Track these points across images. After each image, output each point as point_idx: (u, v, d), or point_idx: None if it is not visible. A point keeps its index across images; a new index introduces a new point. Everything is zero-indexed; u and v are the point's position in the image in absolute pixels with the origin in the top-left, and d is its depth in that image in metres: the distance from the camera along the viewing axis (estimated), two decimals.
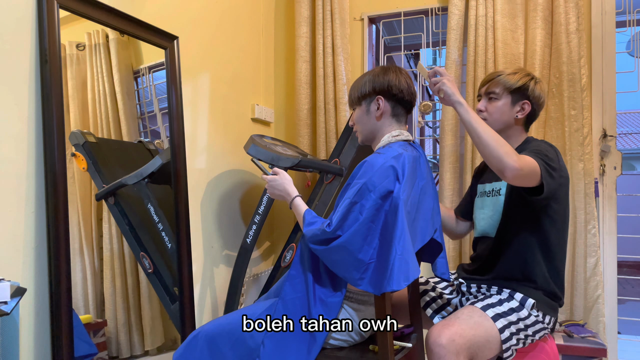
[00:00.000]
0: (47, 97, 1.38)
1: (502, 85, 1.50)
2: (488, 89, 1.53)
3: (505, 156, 1.27)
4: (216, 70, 2.25)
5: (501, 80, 1.50)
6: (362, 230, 1.19)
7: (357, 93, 1.38)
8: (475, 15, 2.25)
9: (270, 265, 2.72)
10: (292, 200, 1.39)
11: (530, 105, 1.50)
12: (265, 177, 1.47)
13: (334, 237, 1.20)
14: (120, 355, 1.73)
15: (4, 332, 1.23)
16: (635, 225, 2.43)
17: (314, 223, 1.28)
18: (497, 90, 1.50)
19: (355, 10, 2.64)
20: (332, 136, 2.53)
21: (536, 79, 1.52)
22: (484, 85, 1.55)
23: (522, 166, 1.28)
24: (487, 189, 1.58)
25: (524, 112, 1.50)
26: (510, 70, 1.52)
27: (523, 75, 1.50)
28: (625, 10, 2.21)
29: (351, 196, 1.21)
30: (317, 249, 1.24)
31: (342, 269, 1.22)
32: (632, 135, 9.80)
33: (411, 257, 1.18)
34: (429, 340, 1.27)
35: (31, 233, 1.36)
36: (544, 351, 1.47)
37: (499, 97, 1.50)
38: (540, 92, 1.51)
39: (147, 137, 1.90)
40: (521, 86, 1.48)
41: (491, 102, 1.52)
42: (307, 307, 1.26)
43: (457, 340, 1.25)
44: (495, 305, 1.39)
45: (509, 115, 1.50)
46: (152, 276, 1.83)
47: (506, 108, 1.50)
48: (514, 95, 1.49)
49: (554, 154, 1.41)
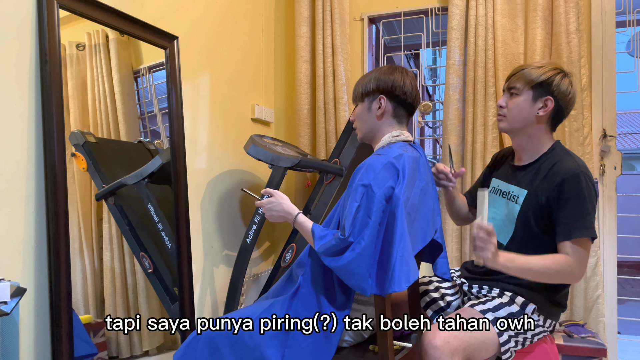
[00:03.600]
0: (47, 97, 1.38)
1: (524, 79, 1.39)
2: (510, 84, 1.43)
3: (568, 282, 1.34)
4: (216, 70, 2.25)
5: (524, 74, 1.39)
6: (373, 234, 1.18)
7: (361, 89, 1.37)
8: (475, 15, 2.25)
9: (270, 265, 2.72)
10: (295, 219, 1.34)
11: (554, 101, 1.37)
12: (259, 202, 1.41)
13: (347, 245, 1.18)
14: (120, 355, 1.73)
15: (4, 332, 1.23)
16: (635, 225, 2.43)
17: (325, 236, 1.24)
18: (518, 85, 1.40)
19: (355, 10, 2.64)
20: (332, 136, 2.53)
21: (565, 72, 1.39)
22: (508, 80, 1.45)
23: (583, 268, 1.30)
24: (502, 188, 1.51)
25: (546, 109, 1.38)
26: (538, 63, 1.41)
27: (549, 69, 1.38)
28: (625, 10, 2.21)
29: (358, 200, 1.20)
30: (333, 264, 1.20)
31: (359, 279, 1.18)
32: (632, 135, 9.80)
33: (411, 259, 1.18)
34: (424, 342, 1.27)
35: (31, 233, 1.36)
36: (544, 351, 1.47)
37: (519, 92, 1.40)
38: (567, 87, 1.38)
39: (147, 137, 1.90)
40: (544, 80, 1.36)
41: (512, 98, 1.42)
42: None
43: (452, 342, 1.24)
44: (494, 309, 1.37)
45: (529, 112, 1.39)
46: (152, 276, 1.83)
47: (526, 104, 1.39)
48: (535, 91, 1.38)
49: (592, 193, 1.32)
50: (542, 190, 1.36)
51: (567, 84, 1.38)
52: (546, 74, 1.37)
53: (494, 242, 1.23)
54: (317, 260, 1.29)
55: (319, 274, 1.29)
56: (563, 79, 1.38)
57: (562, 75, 1.38)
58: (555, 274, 1.29)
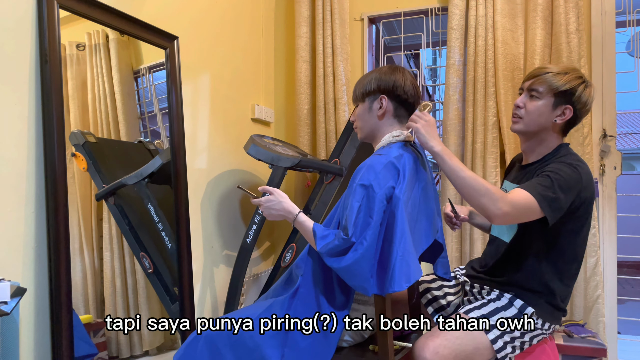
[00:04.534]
0: (47, 97, 1.38)
1: (547, 84, 1.36)
2: (532, 85, 1.40)
3: (488, 205, 1.22)
4: (216, 70, 2.25)
5: (548, 79, 1.36)
6: (374, 234, 1.17)
7: (361, 89, 1.37)
8: (475, 15, 2.25)
9: (270, 265, 2.72)
10: (296, 218, 1.32)
11: (573, 111, 1.37)
12: (256, 200, 1.39)
13: (350, 245, 1.18)
14: (120, 355, 1.73)
15: (4, 332, 1.23)
16: (635, 225, 2.43)
17: (327, 236, 1.23)
18: (541, 89, 1.37)
19: (355, 10, 2.64)
20: (332, 136, 2.53)
21: (587, 82, 1.37)
22: (529, 80, 1.42)
23: (509, 210, 1.22)
24: (507, 188, 1.51)
25: (564, 117, 1.38)
26: (560, 69, 1.38)
27: (574, 78, 1.36)
28: (625, 10, 2.21)
29: (359, 200, 1.20)
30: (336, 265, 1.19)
31: (361, 279, 1.18)
32: (632, 135, 9.80)
33: (412, 259, 1.18)
34: (414, 354, 1.26)
35: (31, 233, 1.36)
36: (544, 352, 1.47)
37: (541, 96, 1.37)
38: (588, 97, 1.37)
39: (147, 137, 1.90)
40: (568, 90, 1.35)
41: (532, 100, 1.39)
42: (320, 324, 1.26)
43: (441, 352, 1.24)
44: (489, 315, 1.36)
45: (547, 118, 1.38)
46: (152, 276, 1.83)
47: (546, 110, 1.38)
48: (557, 98, 1.36)
49: (570, 176, 1.29)
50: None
51: (588, 94, 1.37)
52: (571, 83, 1.35)
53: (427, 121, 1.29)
54: (316, 260, 1.29)
55: (319, 274, 1.29)
56: (585, 89, 1.37)
57: (585, 85, 1.37)
58: (480, 191, 1.23)
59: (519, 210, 1.25)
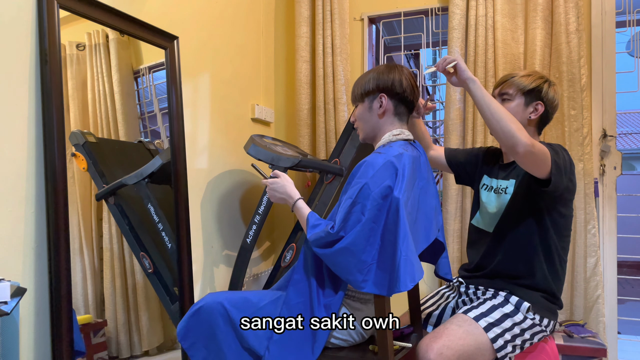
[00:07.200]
0: (47, 97, 1.38)
1: (515, 86, 1.50)
2: (502, 90, 1.53)
3: (517, 131, 1.27)
4: (216, 71, 2.25)
5: (515, 81, 1.50)
6: (364, 231, 1.18)
7: (360, 90, 1.38)
8: (475, 15, 2.25)
9: (270, 265, 2.72)
10: (295, 203, 1.37)
11: (544, 106, 1.50)
12: (265, 180, 1.45)
13: (337, 238, 1.20)
14: (120, 355, 1.73)
15: (4, 332, 1.23)
16: (635, 225, 2.43)
17: (317, 226, 1.27)
18: (511, 91, 1.50)
19: (355, 10, 2.64)
20: (332, 136, 2.53)
21: (550, 82, 1.52)
22: (498, 87, 1.56)
23: (533, 143, 1.28)
24: (493, 185, 1.56)
25: (537, 112, 1.50)
26: (524, 72, 1.53)
27: (537, 78, 1.50)
28: (625, 10, 2.21)
29: (353, 196, 1.21)
30: (321, 252, 1.23)
31: (346, 272, 1.21)
32: (632, 135, 9.80)
33: (415, 258, 1.19)
34: (419, 355, 1.28)
35: (31, 233, 1.36)
36: (544, 351, 1.47)
37: (512, 97, 1.50)
38: (554, 95, 1.51)
39: (147, 137, 1.91)
40: (534, 88, 1.49)
41: (505, 103, 1.51)
42: (310, 310, 1.27)
43: (445, 353, 1.26)
44: (487, 313, 1.38)
45: (522, 116, 1.50)
46: (152, 276, 1.83)
47: (519, 109, 1.50)
48: (527, 97, 1.49)
49: (565, 157, 1.40)
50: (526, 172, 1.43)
51: (553, 92, 1.51)
52: (536, 82, 1.49)
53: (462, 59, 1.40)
54: (309, 247, 1.31)
55: (310, 261, 1.31)
56: (550, 87, 1.51)
57: (549, 84, 1.51)
58: (512, 119, 1.30)
59: (538, 151, 1.30)
